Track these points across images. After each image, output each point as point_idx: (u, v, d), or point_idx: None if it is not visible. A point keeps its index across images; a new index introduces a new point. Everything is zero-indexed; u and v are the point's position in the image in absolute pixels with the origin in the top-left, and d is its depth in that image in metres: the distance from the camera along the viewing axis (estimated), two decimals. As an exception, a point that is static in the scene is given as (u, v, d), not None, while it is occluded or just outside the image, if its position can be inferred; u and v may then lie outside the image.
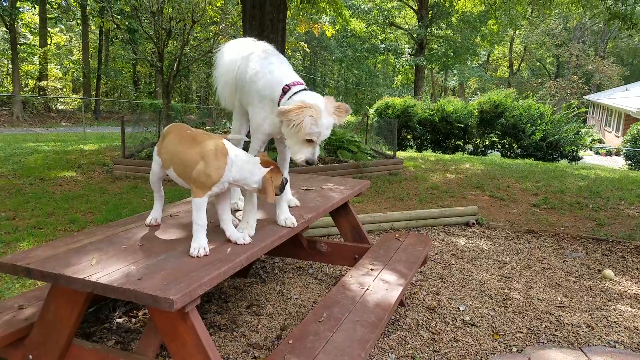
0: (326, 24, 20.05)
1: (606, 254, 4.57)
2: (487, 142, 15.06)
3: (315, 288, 3.59)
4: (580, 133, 14.25)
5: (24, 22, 24.36)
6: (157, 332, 2.07)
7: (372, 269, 2.92)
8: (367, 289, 2.63)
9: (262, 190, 2.18)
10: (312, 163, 2.27)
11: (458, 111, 14.38)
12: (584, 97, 34.20)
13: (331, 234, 4.82)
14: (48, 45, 24.29)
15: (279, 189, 2.25)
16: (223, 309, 3.19)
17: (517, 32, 34.97)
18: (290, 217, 2.54)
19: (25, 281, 3.45)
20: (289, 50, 16.08)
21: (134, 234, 2.35)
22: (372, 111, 15.64)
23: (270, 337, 2.84)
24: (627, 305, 3.43)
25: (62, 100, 26.31)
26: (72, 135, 16.35)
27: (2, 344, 2.15)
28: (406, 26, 28.88)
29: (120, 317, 3.04)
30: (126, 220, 2.59)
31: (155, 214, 2.52)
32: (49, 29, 24.70)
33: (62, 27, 27.80)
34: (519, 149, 14.14)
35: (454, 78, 36.26)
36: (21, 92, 21.87)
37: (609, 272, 3.98)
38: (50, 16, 22.82)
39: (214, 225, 2.40)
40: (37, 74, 24.45)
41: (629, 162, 16.14)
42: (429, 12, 24.88)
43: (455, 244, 4.73)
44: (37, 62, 23.96)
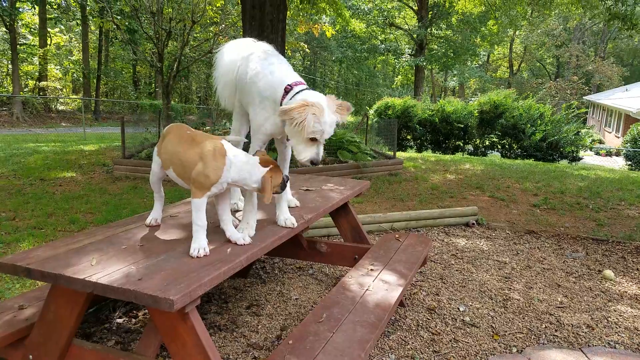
0: (326, 24, 20.06)
1: (606, 255, 4.57)
2: (487, 143, 15.06)
3: (315, 288, 3.59)
4: (580, 133, 14.26)
5: (23, 22, 24.37)
6: (157, 333, 2.08)
7: (372, 270, 2.92)
8: (367, 290, 2.64)
9: (262, 189, 2.18)
10: (317, 163, 2.26)
11: (458, 112, 14.38)
12: (584, 97, 34.22)
13: (331, 235, 4.82)
14: (48, 46, 24.31)
15: (280, 187, 2.25)
16: (223, 310, 3.20)
17: (517, 32, 35.00)
18: (290, 218, 2.54)
19: (26, 281, 3.45)
20: (289, 51, 16.10)
21: (134, 235, 2.35)
22: (372, 112, 15.63)
23: (270, 338, 2.84)
24: (627, 306, 3.43)
25: (62, 100, 26.32)
26: (72, 136, 16.35)
27: (3, 344, 2.15)
28: (406, 26, 28.90)
29: (121, 317, 3.05)
30: (126, 221, 2.59)
31: (156, 215, 2.53)
32: (48, 29, 24.71)
33: (62, 27, 27.82)
34: (519, 150, 14.15)
35: (454, 78, 36.29)
36: (21, 92, 21.88)
37: (609, 273, 3.99)
38: (50, 16, 22.84)
39: (214, 226, 2.40)
40: (37, 74, 24.46)
41: (629, 163, 16.14)
42: (429, 13, 24.90)
43: (455, 245, 4.73)
44: (37, 63, 23.98)
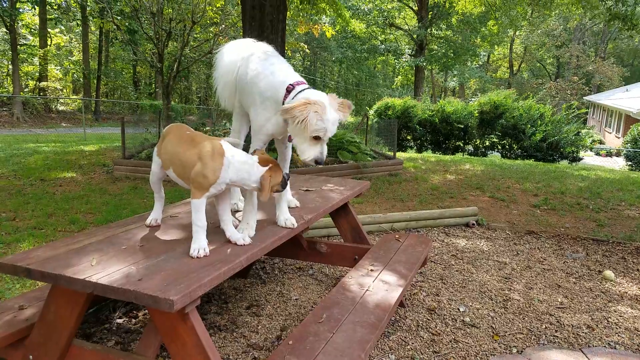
0: (326, 24, 20.07)
1: (606, 255, 4.57)
2: (487, 143, 15.06)
3: (315, 289, 3.59)
4: (580, 134, 14.26)
5: (24, 23, 24.40)
6: (157, 333, 2.07)
7: (372, 270, 2.92)
8: (367, 290, 2.63)
9: (260, 189, 2.17)
10: (321, 162, 2.25)
11: (458, 112, 14.37)
12: (584, 97, 34.22)
13: (331, 235, 4.82)
14: (48, 46, 24.31)
15: (281, 185, 2.24)
16: (223, 310, 3.19)
17: (517, 32, 35.02)
18: (290, 218, 2.53)
19: (26, 282, 3.45)
20: (289, 51, 16.10)
21: (134, 235, 2.35)
22: (372, 112, 15.62)
23: (270, 338, 2.84)
24: (627, 307, 3.43)
25: (62, 101, 26.32)
26: (72, 136, 16.36)
27: (3, 345, 2.15)
28: (406, 27, 28.89)
29: (121, 317, 3.05)
30: (126, 221, 2.59)
31: (156, 215, 2.53)
32: (49, 29, 24.73)
33: (62, 28, 27.85)
34: (519, 150, 14.15)
35: (454, 79, 36.28)
36: (21, 93, 21.89)
37: (609, 273, 3.98)
38: (50, 17, 22.86)
39: (214, 226, 2.40)
40: (37, 74, 24.48)
41: (630, 163, 16.14)
42: (429, 13, 24.90)
43: (455, 245, 4.73)
44: (37, 63, 23.99)
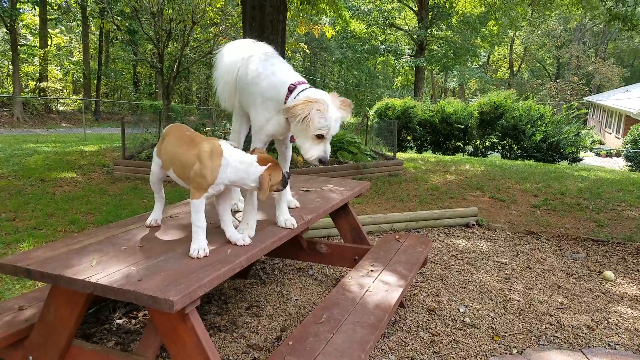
0: (326, 25, 20.06)
1: (606, 256, 4.57)
2: (487, 144, 15.06)
3: (315, 289, 3.59)
4: (580, 134, 14.25)
5: (24, 23, 24.40)
6: (157, 333, 2.07)
7: (372, 270, 2.92)
8: (367, 290, 2.63)
9: (259, 188, 2.16)
10: (325, 161, 2.24)
11: (458, 112, 14.37)
12: (584, 98, 34.21)
13: (331, 235, 4.82)
14: (48, 47, 24.32)
15: (281, 184, 2.22)
16: (223, 310, 3.19)
17: (517, 33, 35.01)
18: (290, 219, 2.53)
19: (26, 282, 3.45)
20: (289, 52, 16.10)
21: (134, 235, 2.35)
22: (372, 112, 15.62)
23: (270, 339, 2.84)
24: (627, 307, 3.43)
25: (62, 101, 26.33)
26: (72, 137, 16.35)
27: (3, 345, 2.15)
28: (406, 27, 28.90)
29: (120, 318, 3.04)
30: (126, 222, 2.59)
31: (156, 215, 2.52)
32: (49, 30, 24.73)
33: (63, 28, 27.86)
34: (519, 150, 14.15)
35: (454, 79, 36.29)
36: (21, 93, 21.89)
37: (609, 274, 3.98)
38: (50, 17, 22.86)
39: (213, 227, 2.40)
40: (38, 75, 24.48)
41: (630, 164, 16.14)
42: (429, 14, 24.90)
43: (455, 245, 4.73)
44: (38, 63, 23.99)
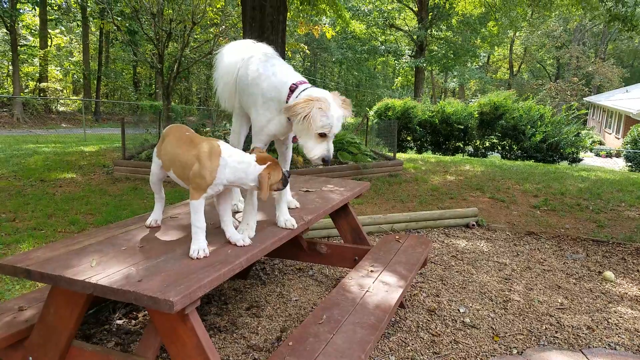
0: (326, 25, 20.08)
1: (606, 256, 4.57)
2: (487, 144, 15.07)
3: (315, 290, 3.58)
4: (580, 135, 14.26)
5: (24, 23, 24.40)
6: (157, 334, 2.07)
7: (372, 271, 2.92)
8: (367, 291, 2.63)
9: (259, 187, 2.15)
10: (328, 160, 2.24)
11: (458, 113, 14.38)
12: (584, 98, 34.22)
13: (331, 236, 4.82)
14: (48, 47, 24.33)
15: (282, 183, 2.21)
16: (223, 311, 3.19)
17: (517, 33, 35.02)
18: (290, 219, 2.53)
19: (26, 283, 3.45)
20: (289, 52, 16.11)
21: (134, 236, 2.35)
22: (372, 113, 15.63)
23: (270, 339, 2.84)
24: (627, 307, 3.43)
25: (62, 101, 26.33)
26: (72, 137, 16.35)
27: (2, 346, 2.15)
28: (406, 28, 28.91)
29: (120, 318, 3.04)
30: (126, 222, 2.59)
31: (156, 216, 2.52)
32: (49, 30, 24.74)
33: (63, 28, 27.85)
34: (519, 151, 14.15)
35: (454, 80, 36.29)
36: (21, 93, 21.89)
37: (609, 274, 3.98)
38: (50, 18, 22.86)
39: (213, 227, 2.40)
40: (38, 75, 24.49)
41: (629, 164, 16.14)
42: (429, 14, 24.91)
43: (455, 246, 4.73)
44: (38, 64, 24.00)
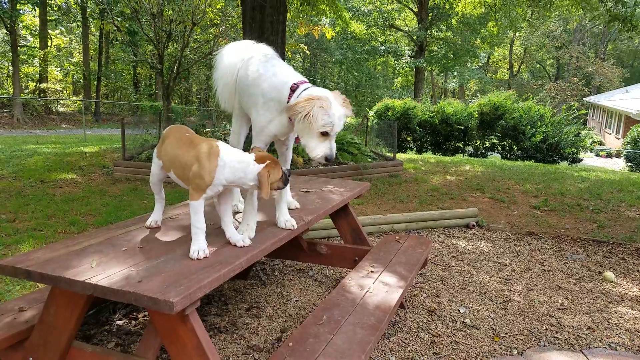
0: (326, 26, 20.07)
1: (607, 256, 4.56)
2: (487, 144, 15.07)
3: (315, 290, 3.58)
4: (580, 135, 14.27)
5: (24, 24, 24.40)
6: (157, 335, 2.07)
7: (372, 271, 2.92)
8: (367, 291, 2.63)
9: (259, 186, 2.14)
10: (331, 159, 2.25)
11: (458, 113, 14.38)
12: (584, 99, 34.23)
13: (331, 236, 4.82)
14: (48, 48, 24.33)
15: (282, 182, 2.20)
16: (223, 311, 3.19)
17: (517, 34, 35.04)
18: (290, 219, 2.53)
19: (26, 283, 3.45)
20: (289, 53, 16.10)
21: (134, 237, 2.35)
22: (372, 113, 15.63)
23: (270, 340, 2.84)
24: (628, 308, 3.43)
25: (62, 102, 26.34)
26: (72, 138, 16.35)
27: (3, 346, 2.15)
28: (406, 28, 28.91)
29: (121, 319, 3.04)
30: (126, 223, 2.59)
31: (156, 216, 2.52)
32: (49, 31, 24.75)
33: (63, 29, 27.87)
34: (519, 151, 14.15)
35: (454, 80, 36.29)
36: (21, 94, 21.89)
37: (609, 274, 3.98)
38: (50, 18, 22.87)
39: (213, 228, 2.40)
40: (38, 76, 24.49)
41: (630, 164, 16.14)
42: (429, 14, 24.91)
43: (455, 246, 4.73)
44: (38, 64, 24.01)
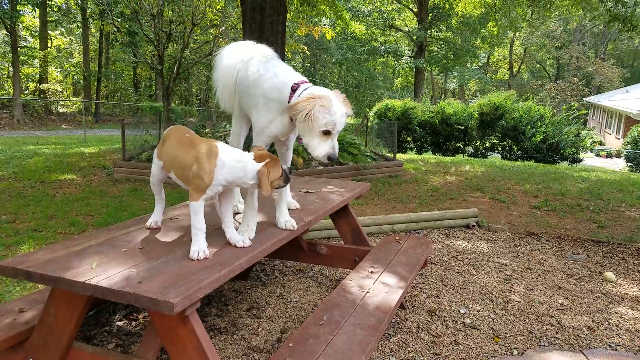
0: (326, 26, 20.07)
1: (607, 256, 4.56)
2: (488, 144, 15.07)
3: (315, 291, 3.58)
4: (580, 135, 14.26)
5: (24, 25, 24.42)
6: (157, 335, 2.07)
7: (372, 272, 2.92)
8: (368, 292, 2.63)
9: (259, 184, 2.13)
10: (334, 158, 2.24)
11: (458, 113, 14.38)
12: (584, 99, 34.22)
13: (331, 237, 4.82)
14: (48, 48, 24.34)
15: (283, 180, 2.19)
16: (223, 312, 3.19)
17: (517, 34, 35.04)
18: (290, 220, 2.53)
19: (26, 284, 3.45)
20: (289, 53, 16.11)
21: (134, 237, 2.35)
22: (372, 113, 15.63)
23: (270, 340, 2.84)
24: (628, 308, 3.43)
25: (62, 103, 26.35)
26: (72, 138, 16.36)
27: (3, 347, 2.15)
28: (406, 28, 28.90)
29: (121, 320, 3.04)
30: (126, 223, 2.59)
31: (156, 217, 2.52)
32: (49, 31, 24.76)
33: (63, 30, 27.88)
34: (519, 151, 14.15)
35: (454, 80, 36.29)
36: (22, 95, 21.91)
37: (609, 275, 3.98)
38: (50, 19, 22.90)
39: (213, 228, 2.40)
40: (38, 76, 24.51)
41: (630, 164, 16.14)
42: (429, 15, 24.91)
43: (455, 247, 4.73)
44: (38, 65, 24.03)
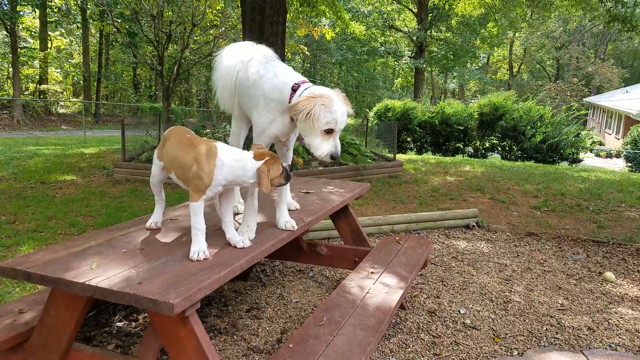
0: (326, 27, 20.08)
1: (607, 257, 4.56)
2: (487, 145, 15.07)
3: (315, 291, 3.58)
4: (580, 135, 14.27)
5: (24, 25, 24.43)
6: (157, 336, 2.07)
7: (372, 272, 2.92)
8: (368, 292, 2.63)
9: (259, 182, 2.12)
10: (337, 157, 2.24)
11: (458, 114, 14.38)
12: (584, 99, 34.23)
13: (331, 237, 4.82)
14: (48, 49, 24.34)
15: (283, 178, 2.18)
16: (223, 313, 3.19)
17: (516, 34, 35.05)
18: (290, 221, 2.53)
19: (26, 285, 3.45)
20: (289, 54, 16.11)
21: (134, 238, 2.34)
22: (372, 114, 15.64)
23: (270, 341, 2.84)
24: (628, 308, 3.43)
25: (62, 103, 26.36)
26: (72, 139, 16.36)
27: (3, 348, 2.15)
28: (406, 29, 28.91)
29: (121, 320, 3.04)
30: (126, 224, 2.59)
31: (156, 218, 2.52)
32: (49, 32, 24.76)
33: (63, 30, 27.88)
34: (519, 152, 14.16)
35: (454, 80, 36.28)
36: (22, 95, 21.91)
37: (609, 275, 3.98)
38: (50, 20, 22.91)
39: (213, 229, 2.40)
40: (38, 77, 24.51)
41: (629, 164, 16.14)
42: (429, 15, 24.92)
43: (455, 247, 4.73)
44: (38, 66, 24.03)
